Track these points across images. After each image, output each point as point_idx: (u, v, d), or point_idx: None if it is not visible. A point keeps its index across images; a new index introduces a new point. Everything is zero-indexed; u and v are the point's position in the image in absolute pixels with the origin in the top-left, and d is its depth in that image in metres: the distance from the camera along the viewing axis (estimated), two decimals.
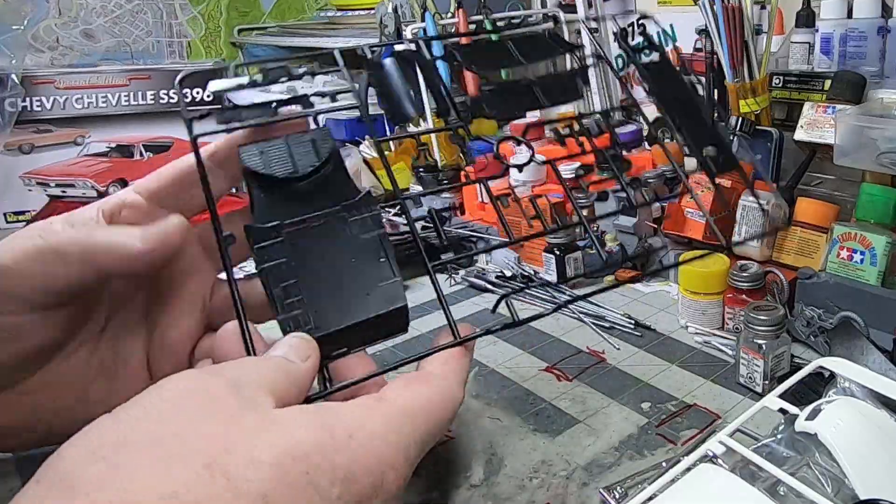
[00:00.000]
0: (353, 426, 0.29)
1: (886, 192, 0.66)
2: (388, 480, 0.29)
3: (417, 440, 0.32)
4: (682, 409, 0.55)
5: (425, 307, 0.78)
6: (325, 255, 0.37)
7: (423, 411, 0.33)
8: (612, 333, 0.69)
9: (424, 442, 0.32)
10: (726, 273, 0.66)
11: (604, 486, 0.46)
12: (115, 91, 1.25)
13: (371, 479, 0.29)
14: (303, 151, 0.40)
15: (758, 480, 0.37)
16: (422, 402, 0.33)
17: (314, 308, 0.36)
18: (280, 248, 0.36)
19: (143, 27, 1.60)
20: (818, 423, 0.38)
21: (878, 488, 0.35)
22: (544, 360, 0.64)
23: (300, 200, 0.38)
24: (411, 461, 0.31)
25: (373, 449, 0.29)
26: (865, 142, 0.70)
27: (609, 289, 0.50)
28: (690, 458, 0.39)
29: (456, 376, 0.36)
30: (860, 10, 0.79)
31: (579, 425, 0.54)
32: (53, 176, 1.21)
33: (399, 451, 0.30)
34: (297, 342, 0.34)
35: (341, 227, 0.38)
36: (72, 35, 1.52)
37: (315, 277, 0.36)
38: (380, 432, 0.30)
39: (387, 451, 0.30)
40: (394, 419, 0.31)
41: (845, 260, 0.64)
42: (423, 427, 0.32)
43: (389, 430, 0.30)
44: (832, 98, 0.78)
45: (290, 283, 0.36)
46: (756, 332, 0.56)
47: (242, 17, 1.73)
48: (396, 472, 0.30)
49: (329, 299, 0.36)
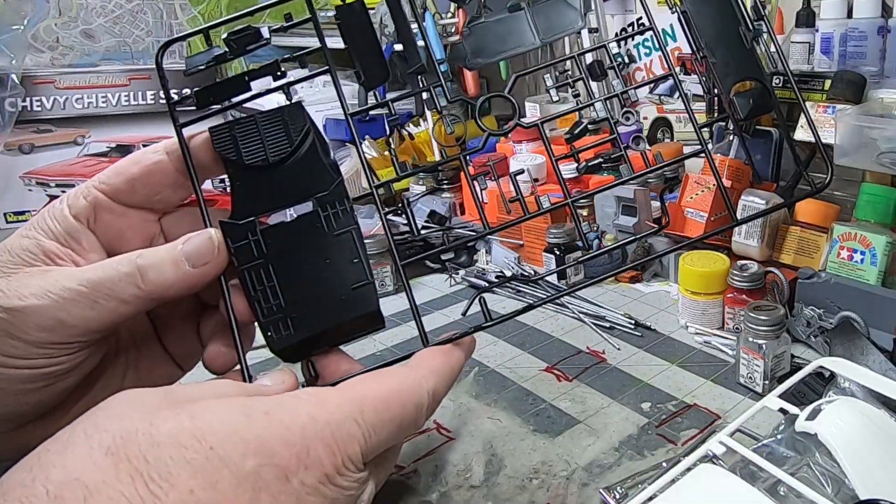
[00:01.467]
0: (273, 405, 0.30)
1: (886, 192, 0.66)
2: (317, 453, 0.30)
3: (368, 423, 0.32)
4: (682, 409, 0.55)
5: (425, 307, 0.78)
6: (300, 255, 0.37)
7: (377, 399, 0.33)
8: (613, 333, 0.69)
9: (382, 427, 0.33)
10: (726, 273, 0.66)
11: (604, 487, 0.46)
12: (115, 91, 1.25)
13: (294, 451, 0.29)
14: (274, 132, 0.39)
15: (758, 480, 0.37)
16: (376, 391, 0.34)
17: (292, 312, 0.36)
18: (257, 246, 0.37)
19: (143, 27, 1.60)
20: (818, 423, 0.38)
21: (878, 488, 0.35)
22: (544, 360, 0.64)
23: (275, 188, 0.38)
24: (356, 442, 0.31)
25: (293, 423, 0.30)
26: (865, 142, 0.70)
27: (594, 283, 0.47)
28: (690, 459, 0.39)
29: (426, 371, 0.36)
30: (860, 10, 0.78)
31: (579, 425, 0.54)
32: (53, 176, 1.21)
33: (330, 428, 0.31)
34: (278, 375, 0.35)
35: (316, 223, 0.38)
36: (72, 35, 1.52)
37: (292, 279, 0.37)
38: (306, 410, 0.31)
39: (312, 425, 0.30)
40: (329, 402, 0.32)
41: (845, 260, 0.64)
42: (375, 414, 0.33)
43: (320, 409, 0.31)
44: (832, 98, 0.78)
45: (269, 285, 0.37)
46: (756, 332, 0.56)
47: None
48: (328, 448, 0.30)
49: (306, 303, 0.37)
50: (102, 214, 0.39)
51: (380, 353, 0.68)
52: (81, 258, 0.37)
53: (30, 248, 0.36)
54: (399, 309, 0.77)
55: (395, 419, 0.34)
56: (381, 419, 0.33)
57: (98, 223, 0.39)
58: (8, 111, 1.17)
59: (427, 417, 0.36)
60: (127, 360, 0.41)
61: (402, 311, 0.77)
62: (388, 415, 0.33)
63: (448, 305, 0.78)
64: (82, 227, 0.38)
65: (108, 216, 0.39)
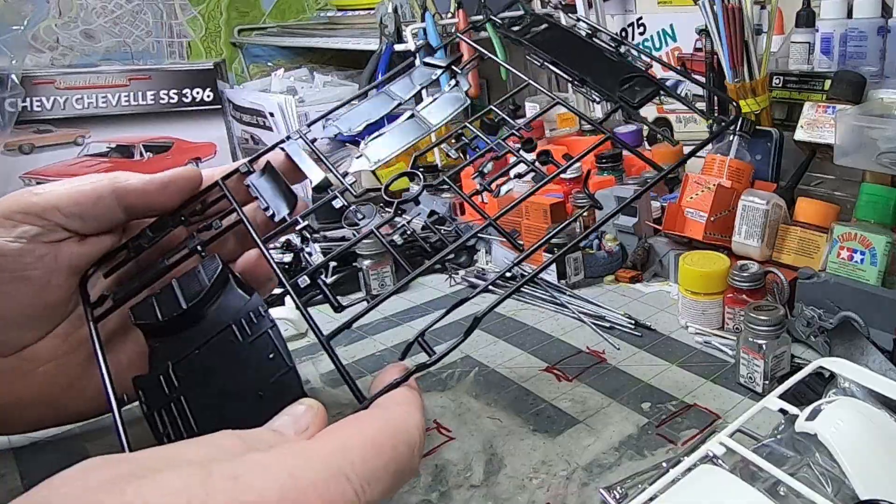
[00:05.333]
0: (245, 469, 0.27)
1: (886, 192, 0.66)
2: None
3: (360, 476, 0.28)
4: (682, 409, 0.55)
5: (425, 307, 0.78)
6: (216, 378, 0.38)
7: (364, 446, 0.30)
8: (612, 333, 0.69)
9: (377, 480, 0.29)
10: (726, 273, 0.66)
11: (604, 487, 0.46)
12: (115, 91, 1.25)
13: None
14: (191, 285, 0.43)
15: (758, 481, 0.37)
16: (363, 437, 0.30)
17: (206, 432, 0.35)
18: (167, 383, 0.38)
19: (143, 27, 1.60)
20: (818, 423, 0.38)
21: (878, 488, 0.35)
22: (544, 360, 0.64)
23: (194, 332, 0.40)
24: (354, 492, 0.28)
25: (268, 487, 0.26)
26: (865, 142, 0.70)
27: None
28: (691, 459, 0.39)
29: (407, 405, 0.34)
30: (860, 10, 0.79)
31: (579, 425, 0.54)
32: (53, 176, 1.21)
33: (317, 490, 0.27)
34: (295, 412, 0.33)
35: (230, 341, 0.39)
36: (72, 35, 1.52)
37: (206, 400, 0.37)
38: (286, 469, 0.27)
39: (294, 487, 0.26)
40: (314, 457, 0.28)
41: (845, 260, 0.64)
42: (365, 463, 0.29)
43: (304, 467, 0.28)
44: (832, 98, 0.78)
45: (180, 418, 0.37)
46: (756, 332, 0.56)
47: (242, 17, 1.73)
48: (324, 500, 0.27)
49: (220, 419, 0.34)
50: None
51: (380, 353, 0.68)
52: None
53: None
54: (399, 309, 0.77)
55: (390, 466, 0.30)
56: (374, 468, 0.29)
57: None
58: (8, 111, 1.17)
59: (420, 458, 0.32)
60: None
61: (402, 311, 0.77)
62: (380, 461, 0.29)
63: (448, 305, 0.77)
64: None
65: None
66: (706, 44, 0.90)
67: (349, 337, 0.71)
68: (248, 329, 0.39)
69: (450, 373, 0.62)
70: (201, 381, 0.38)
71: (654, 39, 1.18)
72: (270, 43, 1.66)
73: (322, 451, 0.29)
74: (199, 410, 0.37)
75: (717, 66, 0.87)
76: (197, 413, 0.37)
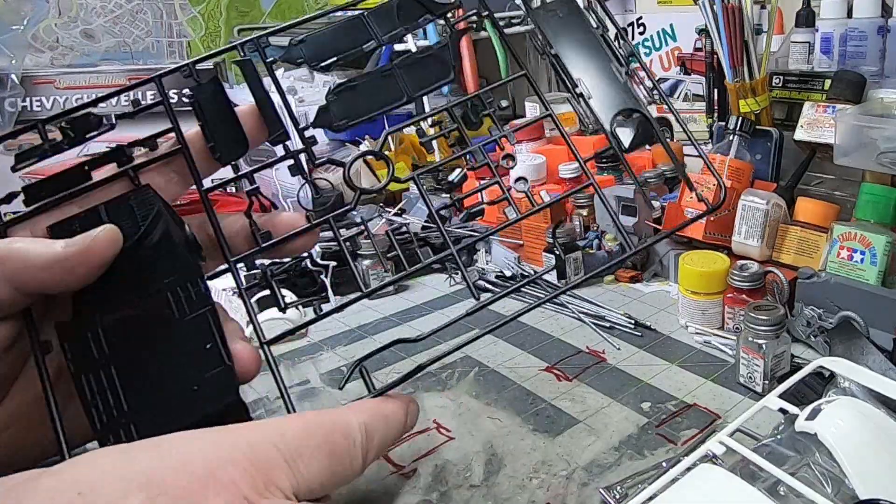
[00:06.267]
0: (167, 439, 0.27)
1: (886, 192, 0.66)
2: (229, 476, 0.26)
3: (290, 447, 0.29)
4: (682, 409, 0.55)
5: (425, 307, 0.78)
6: (147, 350, 0.33)
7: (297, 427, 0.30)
8: (612, 333, 0.69)
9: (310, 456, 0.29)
10: (726, 273, 0.66)
11: (604, 486, 0.46)
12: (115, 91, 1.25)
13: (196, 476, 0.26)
14: (120, 217, 0.35)
15: (758, 480, 0.37)
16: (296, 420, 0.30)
17: (136, 417, 0.31)
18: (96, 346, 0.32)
19: (143, 27, 1.60)
20: (818, 423, 0.38)
21: (878, 488, 0.35)
22: (544, 360, 0.64)
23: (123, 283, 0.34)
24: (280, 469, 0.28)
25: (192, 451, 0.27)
26: (865, 142, 0.70)
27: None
28: (690, 458, 0.39)
29: (354, 407, 0.33)
30: (860, 9, 0.79)
31: (579, 425, 0.54)
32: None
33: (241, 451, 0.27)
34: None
35: (164, 311, 0.33)
36: (72, 35, 1.52)
37: (137, 378, 0.32)
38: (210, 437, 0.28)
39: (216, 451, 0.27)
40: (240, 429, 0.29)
41: (845, 260, 0.64)
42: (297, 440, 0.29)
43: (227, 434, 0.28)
44: (832, 98, 0.78)
45: (109, 391, 0.32)
46: (756, 332, 0.56)
47: (242, 17, 1.73)
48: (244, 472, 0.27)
49: (152, 405, 0.32)
50: None
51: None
52: None
53: None
54: (399, 309, 0.77)
55: (323, 447, 0.30)
56: (304, 445, 0.29)
57: None
58: (8, 111, 1.17)
59: (368, 457, 0.31)
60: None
61: (402, 311, 0.77)
62: (312, 441, 0.29)
63: (448, 305, 0.78)
64: None
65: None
66: (706, 43, 0.90)
67: (349, 337, 0.71)
68: (185, 304, 0.33)
69: (450, 373, 0.62)
70: (132, 353, 0.33)
71: (654, 39, 1.18)
72: (270, 43, 1.66)
73: (253, 426, 0.29)
74: (129, 390, 0.32)
75: (717, 65, 0.87)
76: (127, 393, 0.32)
